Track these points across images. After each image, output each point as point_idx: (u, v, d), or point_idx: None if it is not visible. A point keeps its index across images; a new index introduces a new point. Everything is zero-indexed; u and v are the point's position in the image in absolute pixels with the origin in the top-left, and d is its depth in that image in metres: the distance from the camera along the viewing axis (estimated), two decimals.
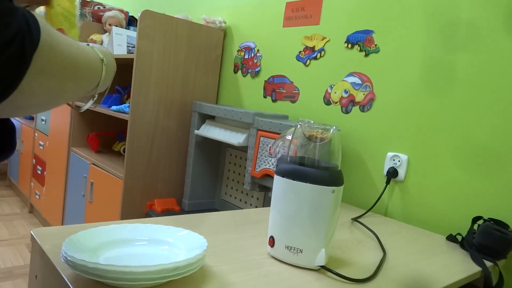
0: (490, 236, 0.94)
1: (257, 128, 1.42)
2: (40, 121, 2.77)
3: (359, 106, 1.38)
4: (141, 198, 1.77)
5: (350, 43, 1.42)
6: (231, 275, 0.66)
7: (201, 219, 0.95)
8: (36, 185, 2.80)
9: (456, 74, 1.14)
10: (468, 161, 1.11)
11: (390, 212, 1.28)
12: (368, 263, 0.81)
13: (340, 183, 0.73)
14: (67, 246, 0.57)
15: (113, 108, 1.89)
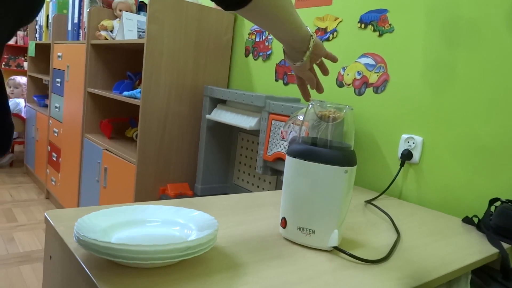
0: (508, 217, 0.91)
1: (269, 111, 1.41)
2: (54, 108, 2.80)
3: (373, 88, 1.35)
4: (154, 183, 1.78)
5: (363, 23, 1.39)
6: (243, 256, 0.66)
7: (212, 201, 0.94)
8: (52, 171, 2.85)
9: (469, 57, 1.10)
10: (482, 142, 1.08)
11: (405, 195, 1.26)
12: (381, 244, 0.80)
13: (353, 163, 0.72)
14: (79, 226, 0.58)
15: (125, 93, 1.89)
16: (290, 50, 0.77)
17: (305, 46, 0.76)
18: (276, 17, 0.68)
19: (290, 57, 0.79)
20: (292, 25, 0.71)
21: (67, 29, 2.75)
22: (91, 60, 2.25)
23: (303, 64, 0.77)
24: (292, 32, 0.72)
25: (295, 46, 0.76)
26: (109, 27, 2.20)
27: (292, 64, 0.79)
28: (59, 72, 2.70)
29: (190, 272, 0.58)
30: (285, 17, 0.69)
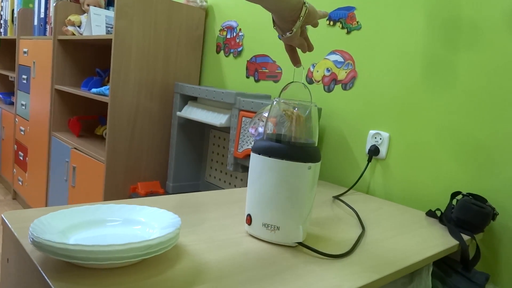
0: (468, 210, 0.94)
1: (239, 108, 1.40)
2: (20, 106, 2.71)
3: (341, 85, 1.37)
4: (124, 182, 1.75)
5: (332, 21, 1.40)
6: (207, 254, 0.66)
7: (180, 199, 0.93)
8: (19, 171, 2.76)
9: (435, 54, 1.13)
10: (446, 137, 1.11)
11: (372, 190, 1.28)
12: (346, 239, 0.81)
13: (316, 160, 0.72)
14: (34, 227, 0.56)
15: (93, 90, 1.85)
16: (279, 19, 0.71)
17: (296, 15, 0.69)
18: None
19: (279, 26, 0.72)
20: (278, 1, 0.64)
21: (33, 24, 2.66)
22: (58, 56, 2.18)
23: (293, 34, 0.71)
24: (279, 1, 0.66)
25: (284, 14, 0.69)
26: (76, 22, 2.14)
27: (281, 35, 0.73)
28: (25, 68, 2.61)
29: (150, 272, 0.57)
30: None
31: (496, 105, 1.02)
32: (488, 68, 1.03)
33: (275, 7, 0.67)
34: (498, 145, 1.02)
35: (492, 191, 1.02)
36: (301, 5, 0.69)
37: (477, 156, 1.05)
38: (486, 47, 1.04)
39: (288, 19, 0.70)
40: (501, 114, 1.01)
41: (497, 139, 1.02)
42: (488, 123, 1.04)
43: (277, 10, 0.68)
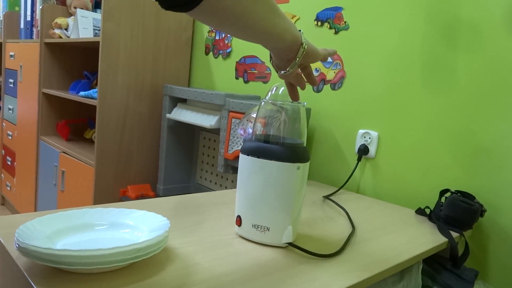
0: (456, 207, 0.95)
1: (229, 109, 1.40)
2: (7, 110, 2.68)
3: (330, 84, 1.37)
4: (114, 185, 1.74)
5: (319, 21, 1.40)
6: (197, 256, 0.65)
7: (169, 201, 0.93)
8: (7, 176, 2.72)
9: (423, 53, 1.14)
10: (435, 135, 1.12)
11: (362, 189, 1.29)
12: (336, 238, 0.81)
13: (305, 160, 0.72)
14: (20, 233, 0.55)
15: (82, 93, 1.83)
16: (275, 57, 0.67)
17: (292, 55, 0.64)
18: (243, 25, 0.54)
19: (275, 63, 0.68)
20: (269, 35, 0.58)
21: (19, 27, 2.63)
22: (46, 60, 2.16)
23: (288, 74, 0.67)
24: (270, 42, 0.60)
25: (279, 53, 0.65)
26: (63, 25, 2.12)
27: (276, 71, 0.69)
28: (12, 72, 2.58)
29: (140, 275, 0.57)
30: (257, 24, 0.55)
31: (484, 103, 1.03)
32: (481, 67, 1.04)
33: (270, 46, 0.62)
34: (486, 143, 1.03)
35: (480, 188, 1.03)
36: (299, 46, 0.63)
37: (465, 154, 1.06)
38: (481, 46, 1.05)
39: (284, 57, 0.65)
40: (488, 112, 1.02)
41: (485, 137, 1.03)
42: (476, 121, 1.05)
43: (272, 48, 0.63)
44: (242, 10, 0.52)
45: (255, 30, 0.55)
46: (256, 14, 0.54)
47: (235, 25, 0.53)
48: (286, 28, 0.59)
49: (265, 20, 0.55)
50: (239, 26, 0.54)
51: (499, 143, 1.00)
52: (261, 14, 0.54)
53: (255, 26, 0.55)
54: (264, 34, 0.57)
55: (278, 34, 0.59)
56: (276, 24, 0.57)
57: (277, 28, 0.58)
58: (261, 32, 0.56)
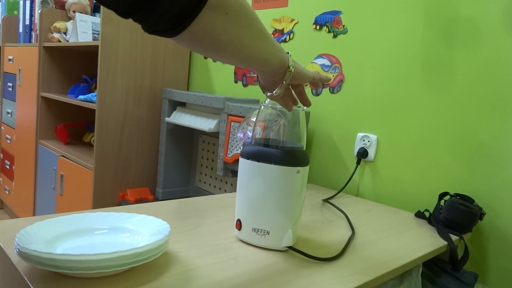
0: (455, 210, 0.95)
1: (228, 113, 1.40)
2: (6, 114, 2.67)
3: (329, 88, 1.38)
4: (113, 189, 1.74)
5: (318, 25, 1.41)
6: (197, 260, 0.65)
7: (169, 205, 0.93)
8: (5, 180, 2.71)
9: (422, 56, 1.15)
10: (434, 138, 1.12)
11: (361, 192, 1.29)
12: (336, 242, 0.81)
13: (305, 163, 0.73)
14: (20, 237, 0.55)
15: (80, 97, 1.83)
16: (262, 79, 0.66)
17: (278, 77, 0.63)
18: (229, 53, 0.52)
19: (262, 84, 0.67)
20: (256, 60, 0.56)
21: (18, 31, 2.63)
22: (44, 63, 2.16)
23: (275, 96, 0.67)
24: (256, 66, 0.58)
25: (265, 76, 0.64)
26: (62, 29, 2.12)
27: (263, 91, 0.68)
28: (11, 76, 2.58)
29: (140, 280, 0.57)
30: (243, 52, 0.53)
31: (483, 106, 1.04)
32: (479, 67, 1.05)
33: (256, 69, 0.60)
34: (485, 146, 1.03)
35: (479, 191, 1.04)
36: (285, 69, 0.61)
37: (464, 157, 1.07)
38: (479, 46, 1.05)
39: (270, 80, 0.64)
40: (487, 114, 1.03)
41: (484, 140, 1.03)
42: (475, 124, 1.05)
43: (259, 71, 0.62)
44: (228, 38, 0.50)
45: (241, 57, 0.54)
46: (242, 42, 0.52)
47: (220, 53, 0.52)
48: (273, 53, 0.58)
49: (251, 47, 0.53)
50: (225, 54, 0.52)
51: (498, 146, 1.01)
52: (247, 42, 0.52)
53: (241, 53, 0.53)
54: (250, 60, 0.55)
55: (264, 60, 0.57)
56: (263, 50, 0.56)
57: (264, 54, 0.56)
58: (247, 58, 0.54)
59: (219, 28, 0.48)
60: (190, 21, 0.44)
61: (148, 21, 0.44)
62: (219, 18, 0.47)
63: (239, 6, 0.49)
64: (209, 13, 0.45)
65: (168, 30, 0.45)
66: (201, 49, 0.50)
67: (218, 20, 0.47)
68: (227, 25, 0.48)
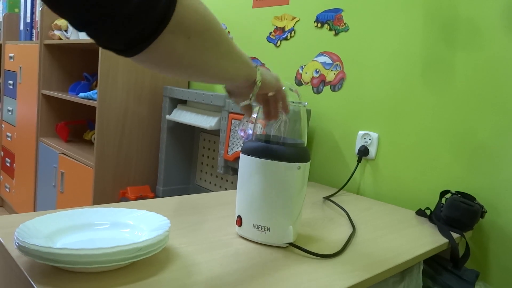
0: (456, 208, 0.95)
1: (229, 110, 1.40)
2: (7, 112, 2.67)
3: (330, 86, 1.37)
4: (113, 186, 1.74)
5: (319, 22, 1.41)
6: (197, 255, 0.65)
7: (169, 202, 0.93)
8: (6, 178, 2.71)
9: (424, 54, 1.14)
10: (435, 136, 1.12)
11: (362, 190, 1.29)
12: (337, 239, 0.81)
13: (306, 160, 0.72)
14: (20, 232, 0.55)
15: (81, 95, 1.83)
16: (229, 89, 0.65)
17: (246, 91, 0.61)
18: (191, 74, 0.50)
19: (232, 94, 0.65)
20: (220, 79, 0.54)
21: (19, 28, 2.63)
22: (45, 61, 2.16)
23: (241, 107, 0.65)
24: (222, 83, 0.56)
25: (231, 89, 0.63)
26: (63, 27, 2.12)
27: (230, 98, 0.67)
28: (11, 73, 2.58)
29: (140, 275, 0.56)
30: (206, 72, 0.51)
31: (483, 104, 1.03)
32: (483, 68, 1.05)
33: (220, 84, 0.57)
34: (486, 144, 1.03)
35: (480, 189, 1.03)
36: (252, 83, 0.59)
37: (466, 155, 1.06)
38: (480, 46, 1.05)
39: (237, 92, 0.63)
40: (488, 112, 1.02)
41: (485, 138, 1.03)
42: (476, 122, 1.05)
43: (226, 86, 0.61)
44: (189, 62, 0.46)
45: (204, 77, 0.51)
46: (206, 64, 0.49)
47: (180, 74, 0.49)
48: (239, 70, 0.55)
49: (215, 67, 0.51)
50: (185, 76, 0.50)
51: (498, 144, 1.00)
52: (211, 63, 0.49)
53: (204, 74, 0.50)
54: (214, 78, 0.53)
55: (229, 77, 0.55)
56: (228, 69, 0.53)
57: (229, 73, 0.54)
58: (211, 77, 0.52)
59: (180, 52, 0.44)
60: (147, 44, 0.41)
61: (100, 39, 0.40)
62: (180, 42, 0.43)
63: (204, 29, 0.45)
64: (168, 36, 0.42)
65: (123, 50, 0.42)
66: (159, 70, 0.47)
67: (179, 44, 0.43)
68: (188, 49, 0.45)
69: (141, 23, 0.39)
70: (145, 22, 0.39)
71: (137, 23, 0.39)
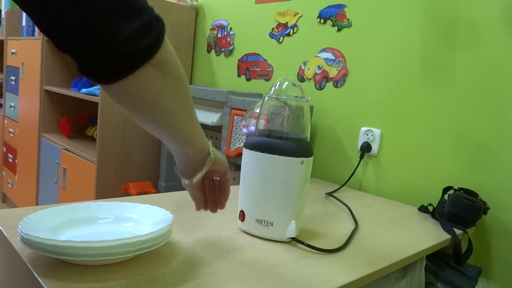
0: (459, 204, 0.95)
1: (231, 106, 1.40)
2: (9, 108, 2.68)
3: (333, 82, 1.37)
4: (115, 182, 1.74)
5: (322, 18, 1.40)
6: (200, 250, 0.65)
7: (172, 197, 0.93)
8: (8, 173, 2.72)
9: (427, 51, 1.14)
10: (438, 133, 1.12)
11: (364, 186, 1.29)
12: (340, 234, 0.81)
13: (309, 154, 0.72)
14: (23, 224, 0.55)
15: (83, 91, 1.83)
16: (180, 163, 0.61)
17: (198, 164, 0.59)
18: (158, 118, 0.49)
19: (179, 170, 0.62)
20: (180, 135, 0.53)
21: (21, 24, 2.63)
22: (47, 57, 2.16)
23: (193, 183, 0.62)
24: (179, 142, 0.55)
25: (183, 161, 0.60)
26: None
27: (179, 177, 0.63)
28: (14, 69, 2.58)
29: (143, 268, 0.56)
30: (171, 121, 0.50)
31: (484, 100, 1.03)
32: (483, 66, 1.04)
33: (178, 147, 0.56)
34: (490, 141, 1.03)
35: (483, 185, 1.03)
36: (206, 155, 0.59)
37: (468, 152, 1.06)
38: (482, 45, 1.05)
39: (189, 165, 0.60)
40: (489, 109, 1.02)
41: (488, 135, 1.03)
42: (479, 120, 1.04)
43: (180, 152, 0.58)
44: (160, 102, 0.47)
45: (167, 126, 0.51)
46: (173, 110, 0.50)
47: (147, 115, 0.48)
48: (197, 134, 0.56)
49: (179, 119, 0.51)
50: (152, 118, 0.49)
51: (500, 140, 1.00)
52: (177, 111, 0.50)
53: (168, 122, 0.50)
54: (175, 133, 0.52)
55: (187, 138, 0.54)
56: (188, 127, 0.54)
57: (188, 131, 0.54)
58: (173, 129, 0.52)
59: (155, 89, 0.45)
60: (130, 71, 0.42)
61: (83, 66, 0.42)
62: (157, 78, 0.45)
63: (178, 75, 0.48)
64: (149, 69, 0.44)
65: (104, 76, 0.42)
66: (130, 105, 0.46)
67: (156, 80, 0.45)
68: (162, 88, 0.46)
69: (129, 55, 0.41)
70: (133, 53, 0.41)
71: (126, 54, 0.41)
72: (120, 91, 0.44)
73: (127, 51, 0.41)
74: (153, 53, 0.43)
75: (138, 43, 0.41)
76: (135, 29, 0.41)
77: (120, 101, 0.46)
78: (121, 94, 0.45)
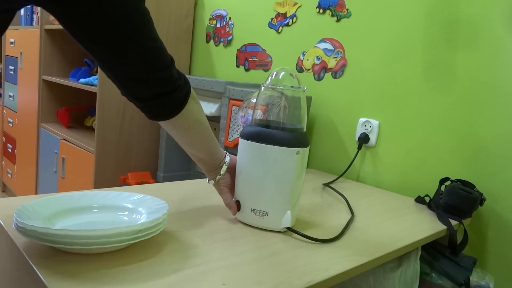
0: (456, 195, 0.95)
1: (229, 97, 1.39)
2: (8, 98, 2.67)
3: (332, 73, 1.37)
4: (114, 172, 1.74)
5: (321, 8, 1.39)
6: (195, 239, 0.65)
7: (169, 187, 0.93)
8: (8, 163, 2.73)
9: (427, 43, 1.13)
10: (436, 125, 1.12)
11: (362, 177, 1.29)
12: (336, 224, 0.81)
13: (305, 145, 0.72)
14: (19, 213, 0.55)
15: (82, 80, 1.82)
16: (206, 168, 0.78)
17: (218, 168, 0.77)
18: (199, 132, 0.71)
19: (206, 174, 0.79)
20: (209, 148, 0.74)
21: (19, 13, 2.61)
22: (46, 46, 2.15)
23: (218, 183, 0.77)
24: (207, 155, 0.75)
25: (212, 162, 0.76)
26: None
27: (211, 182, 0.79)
28: (12, 59, 2.57)
29: (138, 257, 0.57)
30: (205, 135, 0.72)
31: (483, 93, 1.03)
32: (480, 68, 1.04)
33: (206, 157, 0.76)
34: (487, 134, 1.02)
35: (480, 177, 1.03)
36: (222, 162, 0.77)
37: (465, 143, 1.06)
38: (479, 42, 1.04)
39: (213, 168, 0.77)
40: (487, 101, 1.02)
41: (485, 128, 1.03)
42: (475, 111, 1.04)
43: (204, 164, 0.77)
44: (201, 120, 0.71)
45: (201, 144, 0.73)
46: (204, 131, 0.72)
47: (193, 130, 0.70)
48: (217, 149, 0.77)
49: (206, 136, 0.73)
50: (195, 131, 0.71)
51: (497, 133, 1.00)
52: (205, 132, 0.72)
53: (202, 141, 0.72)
54: (208, 141, 0.74)
55: (213, 152, 0.75)
56: (211, 144, 0.74)
57: (212, 147, 0.75)
58: (204, 146, 0.73)
59: (196, 111, 0.70)
60: (182, 108, 0.66)
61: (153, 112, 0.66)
62: (195, 105, 0.69)
63: (199, 104, 0.72)
64: (191, 101, 0.67)
65: (166, 114, 0.66)
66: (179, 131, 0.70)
67: (195, 106, 0.69)
68: (199, 110, 0.71)
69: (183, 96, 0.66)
70: (185, 95, 0.66)
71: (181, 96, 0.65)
72: (179, 119, 0.67)
73: (182, 95, 0.65)
74: (190, 91, 0.67)
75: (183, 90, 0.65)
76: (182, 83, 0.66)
77: (180, 126, 0.68)
78: (180, 120, 0.67)
